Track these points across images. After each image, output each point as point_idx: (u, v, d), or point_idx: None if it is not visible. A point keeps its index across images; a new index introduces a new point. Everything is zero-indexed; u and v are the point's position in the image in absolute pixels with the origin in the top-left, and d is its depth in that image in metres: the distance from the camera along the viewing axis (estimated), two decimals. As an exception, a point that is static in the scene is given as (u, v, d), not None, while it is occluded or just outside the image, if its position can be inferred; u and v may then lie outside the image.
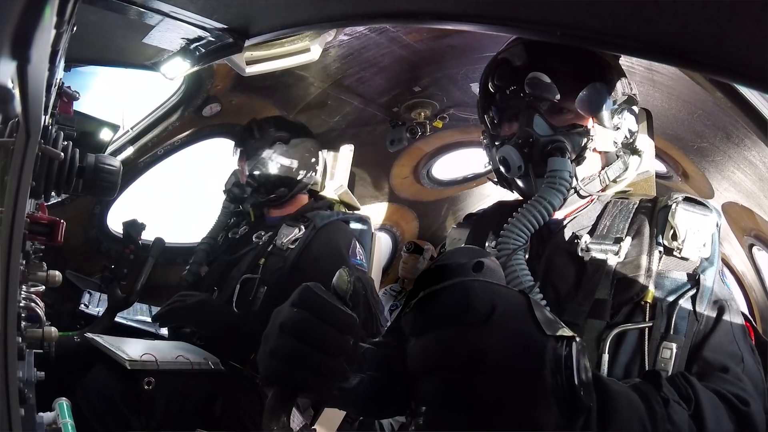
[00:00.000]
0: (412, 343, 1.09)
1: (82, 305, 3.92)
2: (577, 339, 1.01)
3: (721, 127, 3.18)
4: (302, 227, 3.37)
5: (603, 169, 1.87)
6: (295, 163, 3.63)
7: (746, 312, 4.46)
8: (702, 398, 1.30)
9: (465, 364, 0.99)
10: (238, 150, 3.63)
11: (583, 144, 1.79)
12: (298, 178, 3.65)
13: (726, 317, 1.57)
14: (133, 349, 2.66)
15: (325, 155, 3.93)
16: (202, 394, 2.80)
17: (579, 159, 1.80)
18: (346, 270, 1.38)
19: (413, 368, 1.09)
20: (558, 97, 1.76)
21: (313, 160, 3.74)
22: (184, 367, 2.73)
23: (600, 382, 1.07)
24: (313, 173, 3.74)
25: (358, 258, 3.30)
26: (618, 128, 1.84)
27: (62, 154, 1.46)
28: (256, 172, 3.53)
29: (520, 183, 1.90)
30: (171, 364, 2.69)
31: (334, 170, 4.09)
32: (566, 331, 1.01)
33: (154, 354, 2.66)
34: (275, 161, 3.57)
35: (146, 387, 2.55)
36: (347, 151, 4.20)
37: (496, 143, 1.91)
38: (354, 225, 3.54)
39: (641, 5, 1.13)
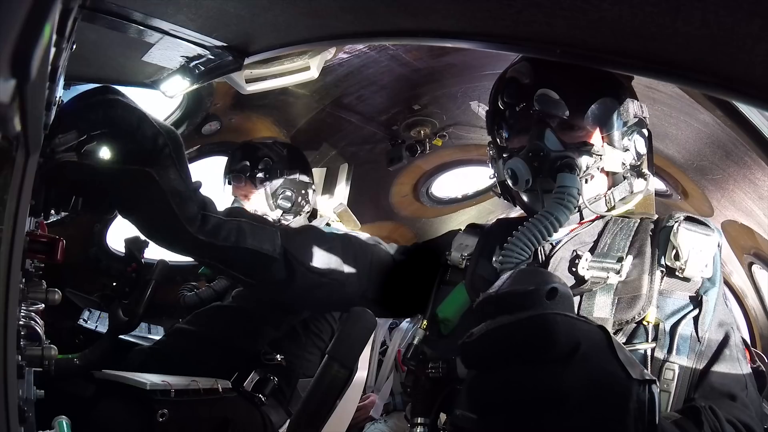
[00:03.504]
0: (474, 377, 1.06)
1: (81, 321, 3.89)
2: (657, 382, 0.99)
3: (721, 146, 3.18)
4: None
5: (609, 189, 1.86)
6: (313, 182, 3.82)
7: (745, 330, 4.46)
8: None
9: (543, 404, 0.96)
10: (253, 170, 3.60)
11: (591, 163, 1.78)
12: (311, 196, 3.78)
13: (731, 343, 1.57)
14: (148, 378, 2.65)
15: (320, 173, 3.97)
16: (214, 422, 2.79)
17: (586, 177, 1.79)
18: None
19: (475, 404, 1.06)
20: (567, 113, 1.75)
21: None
22: (193, 387, 2.73)
23: None
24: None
25: None
26: (627, 150, 1.84)
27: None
28: (288, 192, 3.60)
29: (525, 197, 1.90)
30: (184, 386, 2.69)
31: (333, 188, 4.10)
32: (647, 374, 0.99)
33: (168, 381, 2.65)
34: (302, 178, 3.71)
35: (160, 419, 2.54)
36: (346, 169, 4.20)
37: (504, 155, 1.90)
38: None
39: (641, 23, 1.14)
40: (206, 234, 1.62)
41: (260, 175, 3.57)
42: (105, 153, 1.49)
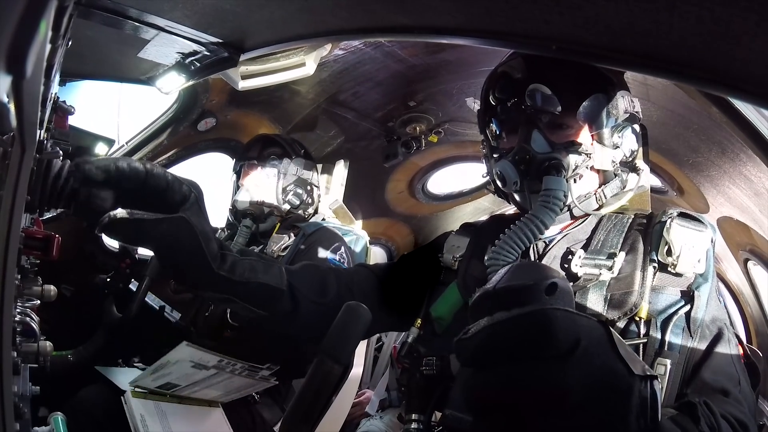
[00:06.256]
0: (470, 375, 1.03)
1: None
2: (658, 378, 0.98)
3: (716, 142, 3.18)
4: (292, 234, 3.37)
5: (600, 187, 1.86)
6: (321, 183, 3.81)
7: (741, 327, 4.46)
8: (723, 428, 1.30)
9: (543, 403, 0.94)
10: (269, 162, 3.59)
11: (580, 162, 1.78)
12: (316, 197, 3.77)
13: (724, 339, 1.57)
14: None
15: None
16: None
17: (575, 177, 1.79)
18: None
19: (471, 403, 1.04)
20: (559, 109, 1.75)
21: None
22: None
23: None
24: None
25: (337, 258, 3.25)
26: (617, 147, 1.83)
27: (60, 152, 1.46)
28: (299, 190, 3.57)
29: (516, 197, 1.91)
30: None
31: (329, 185, 4.10)
32: (649, 369, 0.99)
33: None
34: (314, 180, 3.69)
35: None
36: (342, 165, 4.20)
37: (495, 155, 1.90)
38: (348, 239, 3.52)
39: (637, 19, 1.14)
40: (226, 271, 1.67)
41: (276, 165, 3.56)
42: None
